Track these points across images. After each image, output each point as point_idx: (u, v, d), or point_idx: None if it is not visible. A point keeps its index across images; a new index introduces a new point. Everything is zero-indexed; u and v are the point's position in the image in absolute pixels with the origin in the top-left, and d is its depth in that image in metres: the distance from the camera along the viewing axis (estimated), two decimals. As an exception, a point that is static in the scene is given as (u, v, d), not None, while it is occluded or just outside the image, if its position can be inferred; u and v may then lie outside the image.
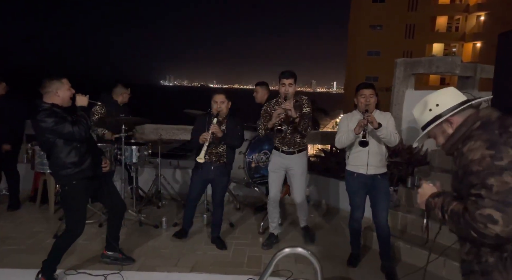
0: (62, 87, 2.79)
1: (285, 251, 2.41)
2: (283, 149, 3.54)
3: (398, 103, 4.95)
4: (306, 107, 3.48)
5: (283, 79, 3.40)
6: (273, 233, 3.78)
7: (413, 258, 3.39)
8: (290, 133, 3.48)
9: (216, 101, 3.49)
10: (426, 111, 1.57)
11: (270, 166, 3.68)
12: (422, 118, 1.60)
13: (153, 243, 3.76)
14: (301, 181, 3.61)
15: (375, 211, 3.22)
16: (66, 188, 2.85)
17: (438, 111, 1.54)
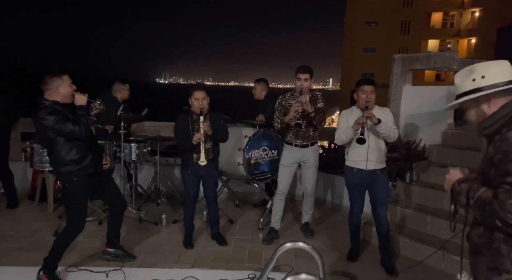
0: (63, 84, 2.78)
1: (287, 245, 2.43)
2: (297, 142, 3.60)
3: (396, 99, 4.98)
4: (320, 102, 3.58)
5: (299, 73, 3.45)
6: (274, 227, 3.81)
7: (412, 252, 3.43)
8: (305, 127, 3.54)
9: (197, 98, 3.41)
10: (469, 80, 1.44)
11: (282, 160, 3.72)
12: (461, 85, 1.47)
13: (153, 240, 3.77)
14: (314, 172, 3.73)
15: (374, 206, 3.24)
16: (67, 185, 2.85)
17: (480, 84, 1.41)
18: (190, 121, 3.52)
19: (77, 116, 2.79)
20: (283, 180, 3.72)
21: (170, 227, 4.10)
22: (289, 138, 3.63)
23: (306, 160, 3.65)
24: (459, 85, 1.48)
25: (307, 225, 3.94)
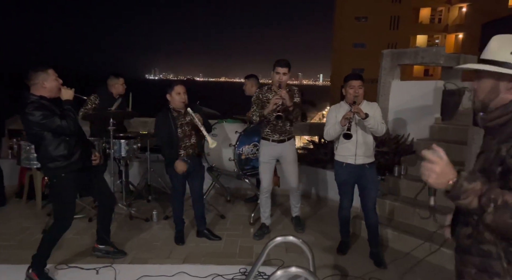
0: (49, 78, 2.74)
1: (277, 239, 2.45)
2: (274, 137, 3.59)
3: (384, 94, 5.02)
4: (297, 97, 3.58)
5: (278, 67, 3.43)
6: (265, 223, 3.83)
7: (400, 244, 3.49)
8: (282, 122, 3.54)
9: (179, 92, 3.42)
10: (508, 51, 1.24)
11: (261, 157, 3.71)
12: (496, 52, 1.27)
13: (144, 236, 3.76)
14: (294, 167, 3.72)
15: (363, 199, 3.29)
16: (55, 181, 2.82)
17: None
18: (171, 118, 3.47)
19: (64, 111, 2.76)
20: (265, 177, 3.69)
21: (161, 223, 4.10)
22: (265, 133, 3.62)
23: (284, 155, 3.65)
24: (494, 50, 1.27)
25: (298, 218, 3.98)
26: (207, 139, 3.37)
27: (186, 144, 3.51)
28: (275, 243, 2.43)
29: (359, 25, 32.50)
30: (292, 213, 4.00)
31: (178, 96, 3.43)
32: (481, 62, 1.30)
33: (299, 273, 2.02)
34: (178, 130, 3.47)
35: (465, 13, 30.40)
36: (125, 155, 4.31)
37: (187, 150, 3.51)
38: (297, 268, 1.99)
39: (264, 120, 3.58)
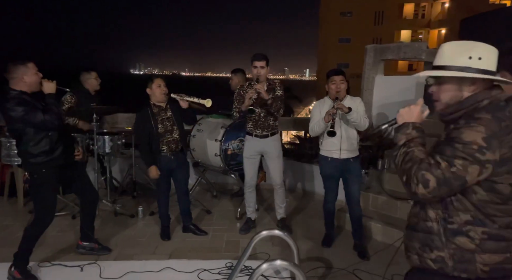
0: (28, 72, 2.66)
1: (263, 233, 2.48)
2: (257, 132, 3.54)
3: (368, 89, 5.10)
4: (278, 90, 3.51)
5: (254, 61, 3.39)
6: (250, 217, 3.84)
7: (383, 236, 3.57)
8: (263, 116, 3.50)
9: (160, 84, 3.40)
10: (465, 56, 1.33)
11: (245, 152, 3.68)
12: (453, 58, 1.35)
13: (129, 232, 3.74)
14: (278, 162, 3.64)
15: (347, 193, 3.34)
16: (35, 176, 2.78)
17: (475, 65, 1.32)
18: (151, 115, 3.43)
19: (47, 105, 2.70)
20: (248, 172, 3.67)
21: (146, 219, 4.08)
22: (248, 128, 3.59)
23: (268, 151, 3.59)
24: (451, 56, 1.36)
25: (284, 221, 3.83)
26: (202, 102, 3.29)
27: (168, 139, 3.47)
28: (260, 237, 2.46)
29: (344, 20, 32.73)
30: (277, 215, 3.86)
31: (158, 88, 3.40)
32: (437, 68, 1.39)
33: (284, 266, 2.05)
34: (158, 126, 3.43)
35: (447, 9, 30.91)
36: (109, 151, 4.26)
37: (170, 145, 3.48)
38: (282, 261, 2.01)
39: (246, 116, 3.55)
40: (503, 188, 1.29)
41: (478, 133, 1.24)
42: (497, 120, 1.26)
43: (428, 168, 1.26)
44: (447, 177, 1.25)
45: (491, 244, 1.33)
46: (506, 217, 1.33)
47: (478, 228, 1.33)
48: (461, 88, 1.37)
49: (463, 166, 1.24)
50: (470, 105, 1.34)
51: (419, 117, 1.46)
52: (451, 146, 1.28)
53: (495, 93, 1.34)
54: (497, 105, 1.31)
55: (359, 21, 31.80)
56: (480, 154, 1.23)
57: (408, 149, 1.36)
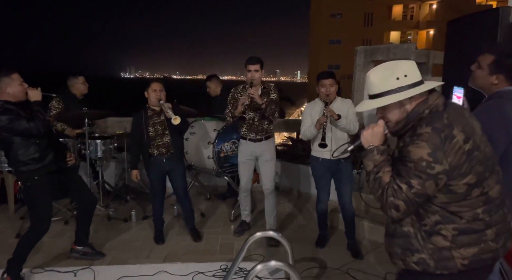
0: (12, 83, 2.65)
1: (257, 235, 2.49)
2: (251, 136, 3.50)
3: (359, 90, 5.14)
4: (273, 93, 3.49)
5: (249, 65, 3.39)
6: (245, 220, 3.85)
7: (376, 235, 3.60)
8: (258, 120, 3.46)
9: (155, 89, 3.41)
10: (392, 78, 1.44)
11: (240, 156, 3.63)
12: (383, 84, 1.45)
13: (123, 237, 3.73)
14: (270, 167, 3.59)
15: (339, 193, 3.38)
16: (28, 184, 2.76)
17: (405, 83, 1.43)
18: (144, 118, 3.44)
19: (33, 112, 2.69)
20: (243, 176, 3.64)
21: (140, 223, 4.07)
22: (243, 132, 3.54)
23: (262, 154, 3.52)
24: (379, 83, 1.46)
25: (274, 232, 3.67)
26: (171, 116, 3.25)
27: (159, 142, 3.46)
28: (255, 239, 2.47)
29: (334, 22, 32.98)
30: (267, 226, 3.69)
31: (154, 93, 3.41)
32: (374, 97, 1.49)
33: (279, 266, 2.07)
34: (149, 129, 3.44)
35: (435, 10, 31.36)
36: (101, 155, 4.24)
37: (160, 149, 3.47)
38: (277, 262, 2.03)
39: (238, 122, 3.52)
40: (458, 188, 1.38)
41: (423, 149, 1.34)
42: (436, 132, 1.34)
43: (394, 194, 1.39)
44: (411, 198, 1.37)
45: (463, 238, 1.41)
46: (471, 211, 1.41)
47: (448, 225, 1.42)
48: (404, 106, 1.47)
49: (420, 184, 1.35)
50: (415, 118, 1.43)
51: (382, 138, 1.54)
52: (404, 166, 1.38)
53: (432, 101, 1.44)
54: (436, 114, 1.40)
55: (349, 23, 32.08)
56: (430, 169, 1.34)
57: (376, 174, 1.46)
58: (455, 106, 1.49)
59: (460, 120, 1.40)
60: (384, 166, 1.47)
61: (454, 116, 1.40)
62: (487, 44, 2.07)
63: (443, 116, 1.39)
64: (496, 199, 1.45)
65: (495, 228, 1.44)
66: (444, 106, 1.44)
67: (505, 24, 2.27)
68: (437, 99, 1.44)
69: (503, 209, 1.48)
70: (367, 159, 1.51)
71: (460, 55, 2.65)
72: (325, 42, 33.27)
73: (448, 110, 1.42)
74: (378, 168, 1.47)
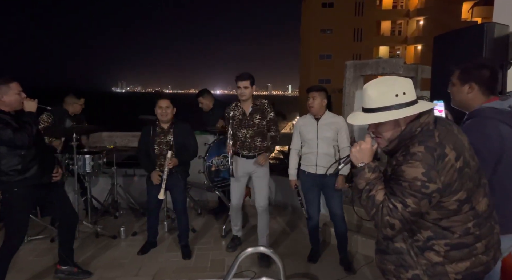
0: (9, 92, 2.63)
1: (248, 250, 2.44)
2: (244, 153, 3.48)
3: (349, 104, 5.19)
4: (270, 112, 3.49)
5: (238, 81, 3.38)
6: (237, 235, 3.80)
7: (368, 249, 3.57)
8: (250, 137, 3.44)
9: (161, 106, 3.39)
10: (391, 94, 1.42)
11: (235, 173, 3.51)
12: (381, 99, 1.43)
13: (111, 254, 3.63)
14: (264, 184, 3.54)
15: (329, 207, 3.35)
16: (7, 195, 2.70)
17: (403, 100, 1.42)
18: (152, 133, 3.44)
19: (22, 123, 2.65)
20: (235, 194, 3.58)
21: (129, 240, 3.98)
22: (236, 149, 3.50)
23: (255, 171, 3.50)
24: (377, 98, 1.43)
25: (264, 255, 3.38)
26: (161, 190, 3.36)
27: (162, 162, 3.45)
28: (246, 254, 2.42)
29: (324, 37, 33.54)
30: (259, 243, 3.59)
31: (159, 110, 3.41)
32: (369, 111, 1.46)
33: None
34: (155, 147, 3.44)
35: (422, 26, 32.16)
36: (90, 170, 4.16)
37: (162, 169, 3.45)
38: (268, 278, 1.99)
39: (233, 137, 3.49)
40: (449, 205, 1.40)
41: (418, 169, 1.34)
42: (429, 152, 1.35)
43: (390, 213, 1.38)
44: (406, 217, 1.37)
45: (455, 253, 1.41)
46: (462, 225, 1.42)
47: (440, 241, 1.42)
48: (398, 123, 1.46)
49: (415, 203, 1.35)
50: (408, 137, 1.44)
51: (371, 154, 1.51)
52: (399, 185, 1.38)
53: (424, 119, 1.44)
54: (427, 132, 1.41)
55: (339, 38, 32.66)
56: (425, 188, 1.34)
57: (369, 193, 1.45)
58: (444, 123, 1.49)
59: (450, 137, 1.41)
60: (377, 183, 1.45)
61: (445, 133, 1.41)
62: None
63: (434, 134, 1.40)
64: (484, 212, 1.45)
65: (484, 241, 1.44)
66: (434, 124, 1.44)
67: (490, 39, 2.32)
68: (428, 118, 1.45)
69: (491, 222, 1.49)
70: (358, 177, 1.49)
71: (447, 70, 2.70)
72: (315, 57, 33.76)
73: (439, 128, 1.43)
74: (371, 185, 1.45)
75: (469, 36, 2.49)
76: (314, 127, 3.22)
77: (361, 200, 1.48)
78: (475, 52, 2.35)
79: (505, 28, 2.40)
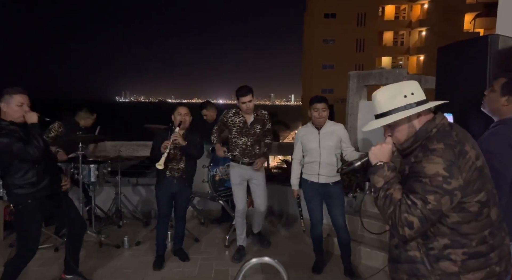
0: (11, 102, 2.64)
1: (252, 261, 2.43)
2: (244, 160, 3.60)
3: (353, 114, 5.21)
4: (268, 123, 3.70)
5: (241, 97, 3.46)
6: (242, 245, 3.79)
7: (372, 260, 3.55)
8: (250, 145, 3.58)
9: (180, 113, 3.47)
10: (400, 97, 1.44)
11: (232, 179, 3.69)
12: (390, 102, 1.45)
13: (115, 264, 3.62)
14: (263, 189, 3.74)
15: (332, 217, 3.35)
16: (20, 207, 2.71)
17: (413, 100, 1.44)
18: (169, 135, 3.48)
19: (30, 136, 2.67)
20: (238, 198, 3.69)
21: (133, 250, 3.97)
22: (235, 156, 3.63)
23: (253, 178, 3.67)
24: (387, 101, 1.46)
25: (260, 234, 4.02)
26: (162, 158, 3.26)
27: (174, 166, 3.50)
28: (250, 265, 2.40)
29: (327, 47, 33.73)
30: (253, 230, 4.00)
31: (179, 116, 3.47)
32: (382, 116, 1.49)
33: (275, 294, 2.01)
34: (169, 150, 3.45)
35: (424, 37, 32.31)
36: (94, 180, 4.18)
37: (173, 172, 3.50)
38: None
39: (232, 143, 3.61)
40: (470, 206, 1.36)
41: (438, 164, 1.32)
42: (449, 148, 1.34)
43: (408, 210, 1.33)
44: (426, 214, 1.32)
45: (472, 262, 1.38)
46: (480, 232, 1.39)
47: (458, 250, 1.38)
48: (412, 123, 1.47)
49: (436, 200, 1.31)
50: (424, 137, 1.43)
51: (391, 156, 1.51)
52: (419, 182, 1.34)
53: (439, 120, 1.45)
54: (443, 132, 1.41)
55: (342, 48, 32.83)
56: (447, 184, 1.31)
57: (387, 191, 1.41)
58: (459, 127, 1.49)
59: (468, 138, 1.42)
60: (395, 182, 1.43)
61: (462, 134, 1.42)
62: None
63: (452, 134, 1.40)
64: (495, 221, 1.44)
65: (497, 250, 1.42)
66: (450, 126, 1.45)
67: (494, 51, 2.34)
68: (444, 119, 1.46)
69: (501, 232, 1.47)
70: (377, 175, 1.46)
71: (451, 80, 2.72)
72: (318, 67, 33.90)
73: (455, 128, 1.44)
74: (389, 184, 1.42)
75: (473, 47, 2.51)
76: (316, 137, 3.24)
77: (377, 200, 1.44)
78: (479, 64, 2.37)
79: (509, 40, 2.42)
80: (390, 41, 34.86)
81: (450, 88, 2.66)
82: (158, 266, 3.51)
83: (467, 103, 2.36)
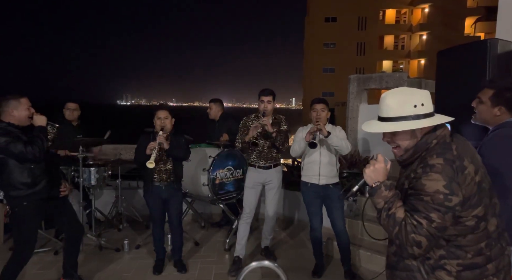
0: (20, 107, 2.70)
1: (252, 265, 2.42)
2: (260, 163, 3.58)
3: (353, 117, 5.21)
4: (284, 125, 3.66)
5: (262, 96, 3.52)
6: (239, 256, 3.60)
7: (372, 264, 3.53)
8: (267, 148, 3.57)
9: (159, 117, 3.42)
10: (410, 105, 1.42)
11: (247, 182, 3.67)
12: (400, 109, 1.43)
13: (114, 267, 3.61)
14: (276, 194, 3.69)
15: (332, 219, 3.34)
16: (16, 209, 2.72)
17: (421, 111, 1.42)
18: (151, 140, 3.43)
19: (33, 137, 2.69)
20: (248, 202, 3.64)
21: (132, 253, 3.96)
22: (252, 160, 3.63)
23: (269, 181, 3.63)
24: (396, 107, 1.43)
25: (267, 249, 3.91)
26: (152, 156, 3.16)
27: (161, 168, 3.45)
28: (250, 269, 2.40)
29: (327, 51, 33.79)
30: (262, 244, 3.93)
31: (158, 120, 3.43)
32: (386, 120, 1.46)
33: (274, 298, 2.00)
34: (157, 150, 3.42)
35: (425, 41, 32.36)
36: (95, 183, 4.18)
37: (161, 175, 3.44)
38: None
39: (250, 148, 3.56)
40: (467, 221, 1.37)
41: (439, 182, 1.32)
42: (449, 164, 1.34)
43: (415, 230, 1.34)
44: (432, 232, 1.34)
45: (467, 274, 1.38)
46: (477, 245, 1.39)
47: (453, 261, 1.39)
48: (415, 133, 1.46)
49: (440, 218, 1.32)
50: (423, 148, 1.44)
51: (386, 173, 1.50)
52: (420, 200, 1.35)
53: (440, 132, 1.45)
54: (444, 144, 1.41)
55: (342, 52, 32.89)
56: (448, 201, 1.32)
57: (389, 211, 1.41)
58: (460, 138, 1.49)
59: (468, 151, 1.41)
60: (395, 201, 1.43)
61: (462, 147, 1.41)
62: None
63: (452, 147, 1.39)
64: (494, 232, 1.43)
65: (495, 262, 1.41)
66: (451, 137, 1.44)
67: (493, 55, 2.34)
68: (444, 131, 1.45)
69: (501, 243, 1.46)
70: (376, 196, 1.46)
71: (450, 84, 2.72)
72: (318, 71, 33.95)
73: (456, 141, 1.43)
74: (389, 204, 1.42)
75: (472, 51, 2.52)
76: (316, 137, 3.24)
77: (380, 220, 1.44)
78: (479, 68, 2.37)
79: (508, 44, 2.42)
80: (390, 45, 34.91)
81: (450, 92, 2.66)
82: (158, 271, 3.50)
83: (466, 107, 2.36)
